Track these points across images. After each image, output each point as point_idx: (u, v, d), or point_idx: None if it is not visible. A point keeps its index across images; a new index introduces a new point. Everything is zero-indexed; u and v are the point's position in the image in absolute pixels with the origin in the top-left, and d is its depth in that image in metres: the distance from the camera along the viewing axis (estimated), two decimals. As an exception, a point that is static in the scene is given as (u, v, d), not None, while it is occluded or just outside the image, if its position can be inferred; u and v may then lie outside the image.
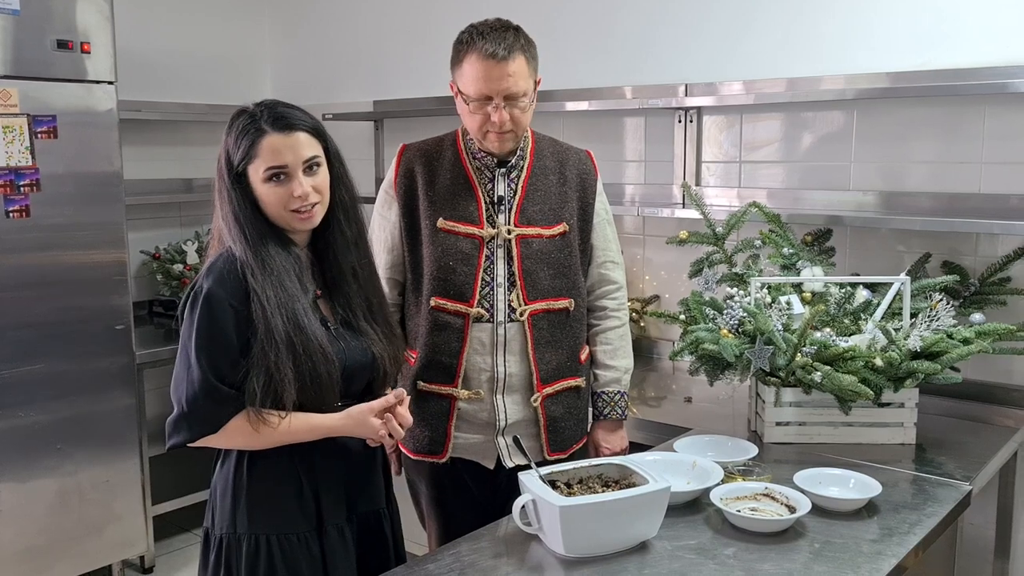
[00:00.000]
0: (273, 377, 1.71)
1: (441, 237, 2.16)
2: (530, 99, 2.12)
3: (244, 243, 1.75)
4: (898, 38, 2.77)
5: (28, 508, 3.17)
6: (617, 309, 2.34)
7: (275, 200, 1.77)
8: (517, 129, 2.12)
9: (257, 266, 1.73)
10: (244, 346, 1.72)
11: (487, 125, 2.09)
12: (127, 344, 3.37)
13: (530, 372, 2.18)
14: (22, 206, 3.08)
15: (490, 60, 2.03)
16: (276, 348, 1.70)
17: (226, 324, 1.71)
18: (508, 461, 2.19)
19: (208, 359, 1.71)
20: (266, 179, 1.76)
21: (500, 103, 2.06)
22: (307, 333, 1.74)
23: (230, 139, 1.79)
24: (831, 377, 2.15)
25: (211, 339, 1.71)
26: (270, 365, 1.70)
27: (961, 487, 2.02)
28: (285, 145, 1.76)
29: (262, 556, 1.78)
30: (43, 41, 3.11)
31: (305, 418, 1.77)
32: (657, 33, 3.28)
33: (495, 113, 2.06)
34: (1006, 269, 2.59)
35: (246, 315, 1.72)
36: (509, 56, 2.04)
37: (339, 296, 1.87)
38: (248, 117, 1.79)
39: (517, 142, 2.17)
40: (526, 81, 2.09)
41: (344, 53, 4.32)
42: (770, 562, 1.65)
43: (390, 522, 1.97)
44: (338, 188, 1.86)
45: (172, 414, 1.75)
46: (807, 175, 3.01)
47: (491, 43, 2.04)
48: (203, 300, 1.72)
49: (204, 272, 1.77)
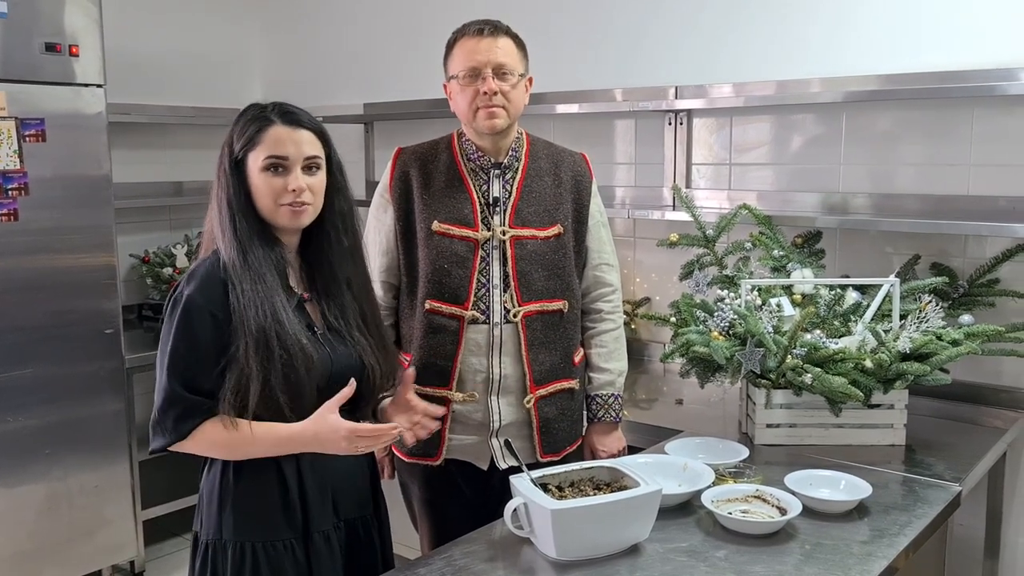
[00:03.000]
0: (243, 369, 1.70)
1: (436, 240, 2.16)
2: (520, 81, 2.15)
3: (232, 232, 1.75)
4: (886, 41, 2.79)
5: (17, 513, 3.16)
6: (612, 312, 2.34)
7: (269, 191, 1.77)
8: (508, 107, 2.13)
9: (239, 258, 1.73)
10: (223, 353, 1.71)
11: (477, 100, 2.11)
12: (116, 348, 3.36)
13: (524, 373, 2.18)
14: (10, 210, 3.06)
15: (478, 36, 2.12)
16: (246, 339, 1.69)
17: (203, 332, 1.71)
18: (502, 462, 2.19)
19: (179, 367, 1.71)
20: (264, 167, 1.76)
21: (488, 74, 2.10)
22: (285, 326, 1.73)
23: (236, 127, 1.80)
24: (821, 379, 2.16)
25: (185, 347, 1.71)
26: (240, 356, 1.70)
27: (951, 488, 2.02)
28: (289, 138, 1.77)
29: (247, 563, 1.78)
30: (31, 44, 3.09)
31: (272, 428, 1.74)
32: (647, 36, 3.28)
33: (483, 84, 2.09)
34: (994, 271, 2.60)
35: (226, 322, 1.71)
36: (496, 33, 2.13)
37: (331, 304, 1.86)
38: (258, 108, 1.81)
39: (508, 123, 2.16)
40: (514, 60, 2.14)
41: (334, 56, 4.31)
42: (761, 564, 1.65)
43: (378, 528, 1.96)
44: (337, 198, 1.87)
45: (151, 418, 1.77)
46: (797, 177, 3.02)
47: (479, 25, 2.14)
48: (183, 307, 1.72)
49: (187, 277, 1.77)
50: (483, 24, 2.13)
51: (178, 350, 1.71)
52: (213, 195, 1.81)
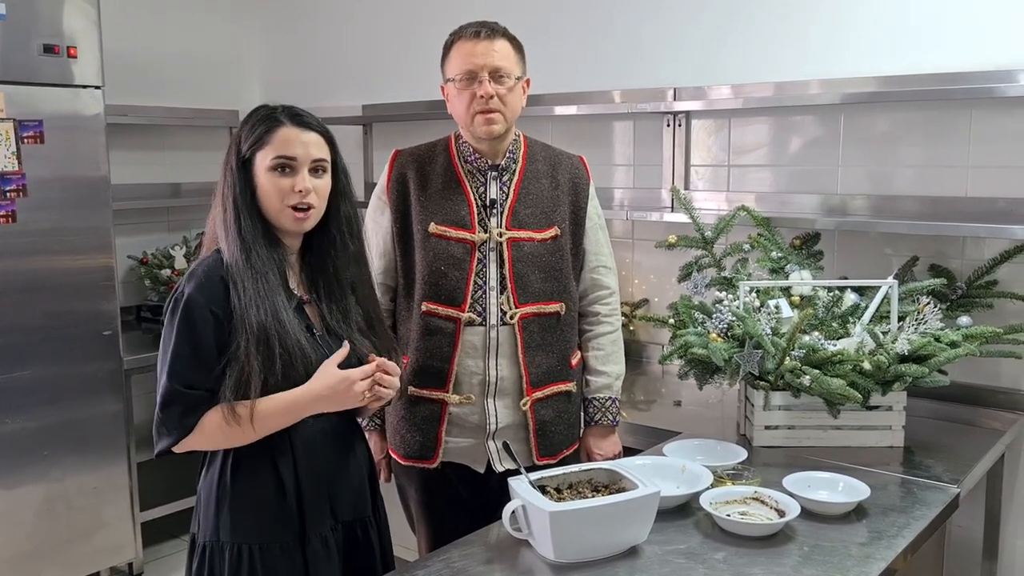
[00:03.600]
0: (244, 367, 1.70)
1: (433, 242, 2.16)
2: (517, 84, 2.14)
3: (236, 231, 1.75)
4: (885, 42, 2.79)
5: (15, 515, 3.15)
6: (609, 315, 2.33)
7: (275, 191, 1.77)
8: (505, 111, 2.12)
9: (242, 257, 1.73)
10: (224, 352, 1.72)
11: (474, 104, 2.11)
12: (114, 349, 3.35)
13: (520, 376, 2.18)
14: (8, 211, 3.06)
15: (474, 39, 2.12)
16: (247, 336, 1.70)
17: (204, 331, 1.71)
18: (498, 465, 2.19)
19: (180, 365, 1.71)
20: (272, 167, 1.77)
21: (485, 77, 2.09)
22: (285, 326, 1.73)
23: (245, 127, 1.80)
24: (820, 380, 2.16)
25: (187, 346, 1.71)
26: (240, 354, 1.70)
27: (949, 490, 2.02)
28: (298, 139, 1.78)
29: (244, 565, 1.77)
30: (29, 45, 3.09)
31: (274, 397, 1.73)
32: (646, 37, 3.29)
33: (480, 88, 2.09)
34: (993, 272, 2.61)
35: (227, 320, 1.72)
36: (493, 36, 2.12)
37: (333, 307, 1.86)
38: (267, 109, 1.82)
39: (505, 126, 2.16)
40: (511, 63, 2.13)
41: (333, 57, 4.31)
42: (759, 566, 1.65)
43: (377, 530, 1.96)
44: (343, 203, 1.88)
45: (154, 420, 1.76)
46: (795, 179, 3.02)
47: (475, 27, 2.14)
48: (183, 306, 1.72)
49: (187, 277, 1.77)
50: (480, 26, 2.13)
51: (180, 350, 1.72)
52: (218, 194, 1.81)
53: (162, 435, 1.75)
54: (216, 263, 1.76)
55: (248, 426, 1.72)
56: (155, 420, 1.75)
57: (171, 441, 1.74)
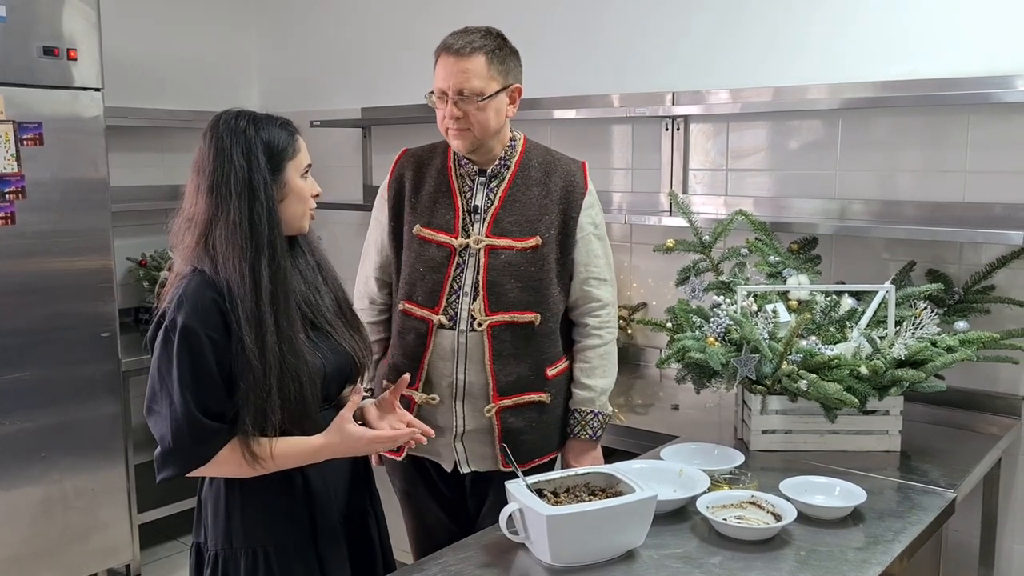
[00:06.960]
0: (265, 406, 1.68)
1: (417, 244, 2.20)
2: (492, 99, 2.10)
3: (270, 255, 1.71)
4: (883, 48, 2.79)
5: (12, 517, 3.15)
6: (599, 328, 2.28)
7: (305, 197, 1.82)
8: (474, 128, 2.12)
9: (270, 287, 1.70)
10: (226, 375, 1.69)
11: (445, 121, 2.13)
12: (113, 351, 3.36)
13: (487, 382, 2.17)
14: (7, 213, 3.06)
15: (448, 54, 2.11)
16: (265, 370, 1.67)
17: (207, 358, 1.67)
18: (464, 467, 2.21)
19: (192, 395, 1.66)
20: (303, 174, 1.82)
21: (452, 97, 2.10)
22: (302, 359, 1.73)
23: (265, 133, 1.76)
24: (817, 385, 2.16)
25: (194, 374, 1.66)
26: (261, 393, 1.67)
27: (946, 495, 2.03)
28: (304, 145, 1.85)
29: (260, 568, 1.77)
30: (29, 47, 3.10)
31: (292, 444, 1.73)
32: (644, 41, 3.29)
33: (446, 108, 2.11)
34: (990, 277, 2.61)
35: (225, 344, 1.68)
36: (466, 53, 2.08)
37: (310, 296, 1.85)
38: (265, 118, 1.82)
39: (476, 143, 2.15)
40: (482, 80, 2.09)
41: (332, 60, 4.31)
42: (756, 570, 1.66)
43: (375, 519, 1.97)
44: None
45: (159, 449, 1.70)
46: (793, 183, 3.02)
47: (455, 39, 2.12)
48: (180, 334, 1.66)
49: (175, 304, 1.70)
50: (459, 40, 2.10)
51: (185, 378, 1.66)
52: (219, 215, 1.74)
53: (169, 464, 1.69)
54: (202, 284, 1.70)
55: (262, 467, 1.71)
56: (164, 448, 1.68)
57: (181, 470, 1.69)
